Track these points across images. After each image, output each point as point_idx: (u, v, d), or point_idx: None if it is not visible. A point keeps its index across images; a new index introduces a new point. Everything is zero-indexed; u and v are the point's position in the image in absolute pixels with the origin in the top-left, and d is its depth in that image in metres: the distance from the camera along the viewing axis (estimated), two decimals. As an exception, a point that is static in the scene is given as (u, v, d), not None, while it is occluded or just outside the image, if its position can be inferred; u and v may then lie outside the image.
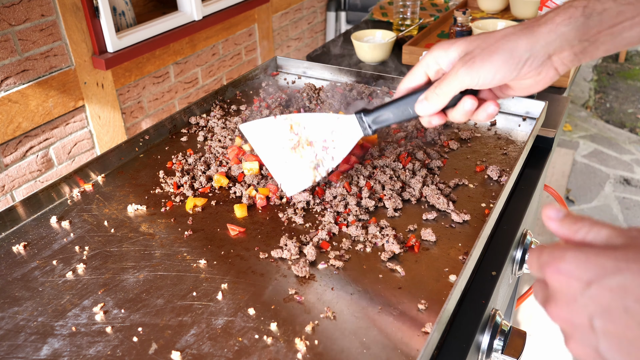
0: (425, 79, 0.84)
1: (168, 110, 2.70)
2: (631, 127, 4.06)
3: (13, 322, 0.78)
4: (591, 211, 3.09)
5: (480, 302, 0.83)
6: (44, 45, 2.00)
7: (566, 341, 0.46)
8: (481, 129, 1.24)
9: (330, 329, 0.74)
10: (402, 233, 0.92)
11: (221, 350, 0.72)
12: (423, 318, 0.75)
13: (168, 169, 1.14)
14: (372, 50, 1.83)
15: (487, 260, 0.92)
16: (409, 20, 2.11)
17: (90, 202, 1.04)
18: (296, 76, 1.55)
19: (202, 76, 2.87)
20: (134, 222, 0.98)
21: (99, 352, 0.73)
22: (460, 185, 1.04)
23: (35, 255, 0.91)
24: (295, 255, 0.87)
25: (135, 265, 0.88)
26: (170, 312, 0.78)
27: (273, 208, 1.00)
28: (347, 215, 0.96)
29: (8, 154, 1.98)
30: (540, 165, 1.19)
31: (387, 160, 1.07)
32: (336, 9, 3.90)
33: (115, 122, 2.38)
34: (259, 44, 3.25)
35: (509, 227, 1.00)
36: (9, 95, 1.91)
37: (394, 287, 0.81)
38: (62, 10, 2.02)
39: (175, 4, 2.61)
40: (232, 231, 0.94)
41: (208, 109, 1.38)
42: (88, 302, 0.81)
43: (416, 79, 0.84)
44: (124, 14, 2.44)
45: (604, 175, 3.42)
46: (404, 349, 0.71)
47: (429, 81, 0.84)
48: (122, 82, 2.37)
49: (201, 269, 0.86)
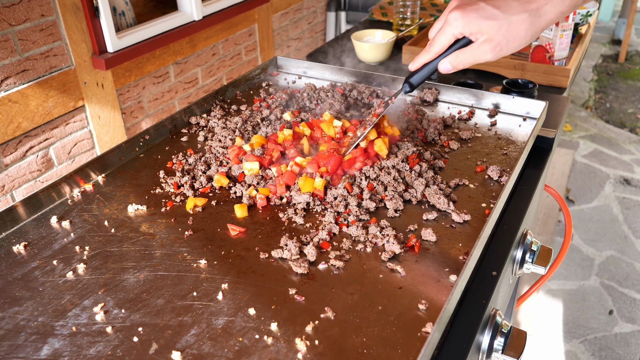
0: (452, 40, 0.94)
1: (168, 110, 2.70)
2: (631, 127, 4.06)
3: (13, 322, 0.78)
4: (591, 211, 3.09)
5: (480, 302, 0.83)
6: (44, 45, 2.00)
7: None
8: (481, 129, 1.24)
9: (331, 329, 0.74)
10: (402, 233, 0.92)
11: (221, 350, 0.72)
12: (423, 318, 0.75)
13: (168, 169, 1.14)
14: (372, 50, 1.83)
15: (487, 260, 0.92)
16: (409, 20, 2.11)
17: (91, 202, 1.04)
18: (296, 76, 1.55)
19: (202, 76, 2.87)
20: (134, 222, 0.98)
21: (99, 352, 0.72)
22: (461, 185, 1.04)
23: (35, 255, 0.91)
24: (296, 255, 0.87)
25: (136, 265, 0.88)
26: (170, 312, 0.78)
27: (273, 208, 1.00)
28: (348, 215, 0.96)
29: (8, 154, 1.98)
30: (540, 165, 1.19)
31: (395, 160, 1.07)
32: (336, 9, 3.90)
33: (115, 122, 2.38)
34: (259, 44, 3.25)
35: (509, 227, 1.00)
36: (9, 95, 1.91)
37: (394, 287, 0.81)
38: (62, 10, 2.02)
39: (175, 4, 2.61)
40: (232, 231, 0.94)
41: (208, 109, 1.38)
42: (88, 302, 0.81)
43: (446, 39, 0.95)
44: (124, 14, 2.44)
45: (604, 175, 3.42)
46: (404, 349, 0.71)
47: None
48: (122, 82, 2.37)
49: (201, 269, 0.86)
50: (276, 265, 0.86)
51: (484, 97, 1.32)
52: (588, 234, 2.92)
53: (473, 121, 1.27)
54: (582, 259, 2.75)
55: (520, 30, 0.86)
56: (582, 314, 2.44)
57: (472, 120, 1.28)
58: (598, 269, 2.69)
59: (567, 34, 1.69)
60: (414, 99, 1.37)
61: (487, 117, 1.29)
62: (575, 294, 2.55)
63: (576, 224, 2.99)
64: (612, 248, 2.81)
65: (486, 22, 0.86)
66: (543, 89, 1.71)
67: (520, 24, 0.85)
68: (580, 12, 1.94)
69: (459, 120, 1.28)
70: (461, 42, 0.92)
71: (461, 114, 1.29)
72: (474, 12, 0.87)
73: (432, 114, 1.32)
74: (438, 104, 1.37)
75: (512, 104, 1.27)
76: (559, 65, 1.72)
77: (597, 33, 5.79)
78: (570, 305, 2.49)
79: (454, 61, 0.93)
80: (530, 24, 0.85)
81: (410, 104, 1.35)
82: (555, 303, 2.50)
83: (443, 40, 0.92)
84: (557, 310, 2.46)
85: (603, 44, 5.56)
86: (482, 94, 1.32)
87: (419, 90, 1.41)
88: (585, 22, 1.99)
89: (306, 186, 1.00)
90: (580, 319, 2.42)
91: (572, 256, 2.77)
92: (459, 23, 0.88)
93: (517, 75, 1.73)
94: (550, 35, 1.69)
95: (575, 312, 2.45)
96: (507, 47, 0.87)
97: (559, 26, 1.66)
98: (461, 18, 0.88)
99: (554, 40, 1.69)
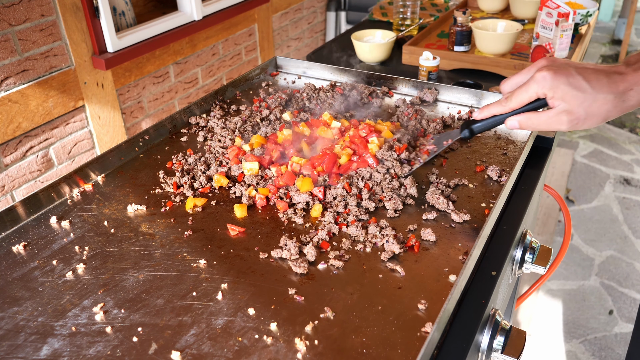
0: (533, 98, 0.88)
1: (168, 110, 2.70)
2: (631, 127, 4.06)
3: (13, 322, 0.78)
4: (591, 211, 3.09)
5: (480, 302, 0.83)
6: (44, 45, 2.00)
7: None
8: (481, 129, 1.24)
9: (330, 329, 0.74)
10: (402, 233, 0.92)
11: (221, 350, 0.72)
12: (423, 318, 0.75)
13: (168, 169, 1.14)
14: (372, 50, 1.83)
15: (487, 260, 0.92)
16: (409, 20, 2.11)
17: (90, 202, 1.04)
18: (296, 76, 1.55)
19: (202, 76, 2.87)
20: (134, 222, 0.98)
21: (99, 352, 0.73)
22: (460, 185, 1.04)
23: (35, 255, 0.91)
24: (295, 255, 0.87)
25: (135, 265, 0.88)
26: (170, 312, 0.78)
27: (273, 208, 1.00)
28: (347, 215, 0.96)
29: (8, 154, 1.98)
30: (540, 165, 1.19)
31: (380, 152, 1.08)
32: (336, 9, 3.90)
33: (115, 122, 2.38)
34: (259, 44, 3.25)
35: (509, 227, 1.00)
36: (9, 95, 1.91)
37: (394, 287, 0.81)
38: (62, 10, 2.02)
39: (175, 4, 2.61)
40: (232, 231, 0.94)
41: (208, 109, 1.38)
42: (88, 302, 0.81)
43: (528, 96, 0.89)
44: (124, 14, 2.44)
45: (604, 175, 3.42)
46: (404, 349, 0.71)
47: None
48: (122, 82, 2.37)
49: (201, 269, 0.86)
50: (276, 265, 0.86)
51: (484, 97, 1.32)
52: (588, 234, 2.92)
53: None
54: (582, 259, 2.75)
55: (603, 111, 0.83)
56: (582, 314, 2.44)
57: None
58: (598, 269, 2.69)
59: (567, 34, 1.69)
60: (414, 99, 1.37)
61: (486, 117, 1.28)
62: (575, 294, 2.55)
63: (576, 224, 2.99)
64: (612, 248, 2.81)
65: (573, 92, 0.82)
66: (543, 89, 1.70)
67: (605, 104, 0.82)
68: (580, 12, 1.94)
69: (458, 120, 1.28)
70: (536, 103, 0.88)
71: (461, 113, 1.29)
72: (564, 77, 0.83)
73: (431, 114, 1.32)
74: (438, 103, 1.37)
75: (512, 104, 1.27)
76: (558, 65, 1.72)
77: (597, 33, 5.79)
78: (570, 305, 2.49)
79: (525, 123, 0.89)
80: (613, 106, 0.83)
81: (410, 103, 1.35)
82: (555, 303, 2.50)
83: (524, 98, 0.87)
84: (557, 310, 2.46)
85: (603, 44, 5.56)
86: (481, 94, 1.32)
87: (418, 90, 1.41)
88: (585, 22, 1.99)
89: (305, 186, 1.00)
90: (580, 319, 2.42)
91: (572, 256, 2.77)
92: (547, 84, 0.84)
93: (517, 75, 1.73)
94: (551, 35, 1.69)
95: (575, 312, 2.45)
96: (584, 123, 0.85)
97: (559, 26, 1.66)
98: (551, 80, 0.83)
99: (554, 40, 1.69)
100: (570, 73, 0.83)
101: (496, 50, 1.78)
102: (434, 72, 1.63)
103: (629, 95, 0.82)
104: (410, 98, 1.39)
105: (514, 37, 1.76)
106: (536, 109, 0.88)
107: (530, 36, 2.00)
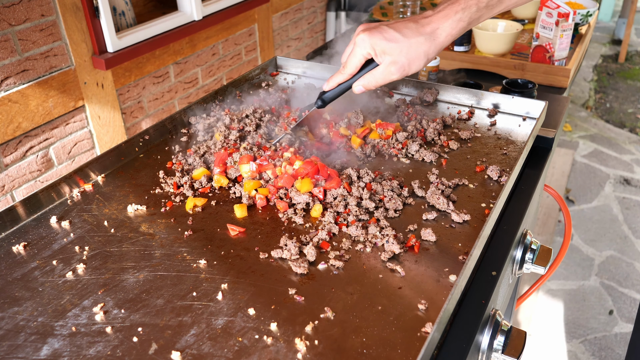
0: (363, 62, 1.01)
1: (168, 110, 2.70)
2: (631, 127, 4.06)
3: (13, 322, 0.78)
4: (591, 211, 3.09)
5: (480, 302, 0.83)
6: (44, 45, 2.00)
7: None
8: (481, 129, 1.24)
9: (330, 329, 0.74)
10: (402, 233, 0.92)
11: (221, 351, 0.72)
12: (423, 318, 0.75)
13: (168, 169, 1.14)
14: (372, 50, 1.82)
15: (487, 260, 0.92)
16: (409, 20, 2.10)
17: (90, 202, 1.04)
18: (296, 76, 1.55)
19: (202, 76, 2.87)
20: (134, 222, 0.98)
21: (99, 352, 0.73)
22: (460, 185, 1.04)
23: (35, 255, 0.91)
24: (295, 255, 0.87)
25: (135, 265, 0.88)
26: (170, 312, 0.78)
27: (273, 208, 1.00)
28: (347, 215, 0.96)
29: (8, 154, 1.98)
30: (540, 165, 1.19)
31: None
32: (336, 9, 3.89)
33: (115, 122, 2.38)
34: (259, 44, 3.25)
35: (509, 227, 1.00)
36: (9, 95, 1.91)
37: (394, 287, 0.81)
38: (62, 10, 2.02)
39: (175, 4, 2.61)
40: (232, 231, 0.94)
41: (208, 109, 1.38)
42: (88, 302, 0.81)
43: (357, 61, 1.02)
44: (124, 14, 2.44)
45: (604, 175, 3.42)
46: (404, 349, 0.71)
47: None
48: (122, 82, 2.37)
49: (201, 269, 0.86)
50: (276, 265, 0.86)
51: (484, 97, 1.32)
52: (588, 234, 2.92)
53: (473, 121, 1.27)
54: (582, 259, 2.75)
55: (420, 52, 0.95)
56: (582, 314, 2.44)
57: (472, 120, 1.28)
58: (598, 269, 2.69)
59: (567, 34, 1.69)
60: (414, 98, 1.37)
61: (486, 117, 1.29)
62: (575, 294, 2.55)
63: (576, 224, 2.99)
64: (612, 248, 2.81)
65: (390, 44, 0.94)
66: (543, 89, 1.70)
67: (420, 46, 0.94)
68: (581, 12, 1.94)
69: (458, 120, 1.28)
70: (371, 65, 1.00)
71: (461, 114, 1.29)
72: (378, 33, 0.94)
73: (431, 114, 1.32)
74: (438, 104, 1.37)
75: (512, 104, 1.27)
76: (559, 65, 1.72)
77: (597, 33, 5.79)
78: (570, 305, 2.49)
79: (368, 84, 1.01)
80: (427, 46, 0.95)
81: (410, 103, 1.35)
82: (555, 303, 2.50)
83: (355, 62, 1.00)
84: (557, 310, 2.46)
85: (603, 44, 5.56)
86: (481, 94, 1.32)
87: (418, 90, 1.41)
88: (585, 22, 1.99)
89: (304, 187, 1.00)
90: (580, 319, 2.42)
91: (572, 256, 2.77)
92: (367, 44, 0.96)
93: (517, 75, 1.73)
94: (551, 35, 1.69)
95: (575, 312, 2.45)
96: (410, 67, 0.97)
97: (559, 26, 1.66)
98: (368, 39, 0.95)
99: (554, 40, 1.69)
100: (383, 29, 0.95)
101: (496, 50, 1.78)
102: (434, 72, 1.63)
103: (437, 34, 0.95)
104: (410, 98, 1.39)
105: (514, 37, 1.76)
106: (373, 69, 1.00)
107: (530, 36, 2.00)
